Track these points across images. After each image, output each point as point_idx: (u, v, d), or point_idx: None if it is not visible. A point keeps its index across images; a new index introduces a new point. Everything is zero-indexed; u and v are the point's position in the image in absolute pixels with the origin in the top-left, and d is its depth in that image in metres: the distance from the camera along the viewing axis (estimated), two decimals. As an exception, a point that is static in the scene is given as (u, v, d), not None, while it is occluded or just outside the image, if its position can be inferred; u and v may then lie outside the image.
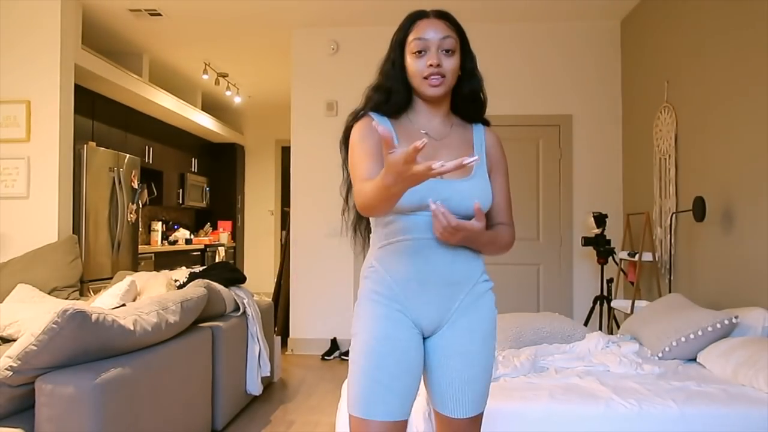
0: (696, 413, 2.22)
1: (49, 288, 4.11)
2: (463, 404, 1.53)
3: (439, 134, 1.60)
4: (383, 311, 1.52)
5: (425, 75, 1.53)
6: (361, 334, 1.53)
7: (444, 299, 1.52)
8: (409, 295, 1.52)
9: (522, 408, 2.29)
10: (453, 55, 1.55)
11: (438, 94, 1.55)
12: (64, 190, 4.54)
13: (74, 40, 4.70)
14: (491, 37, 5.18)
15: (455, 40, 1.56)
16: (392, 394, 1.48)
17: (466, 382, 1.53)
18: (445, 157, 1.52)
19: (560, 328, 3.29)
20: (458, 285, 1.53)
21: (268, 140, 9.11)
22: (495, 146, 1.66)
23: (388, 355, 1.49)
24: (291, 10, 4.95)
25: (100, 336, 2.15)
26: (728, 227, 3.46)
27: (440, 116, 1.62)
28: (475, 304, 1.55)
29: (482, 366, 1.55)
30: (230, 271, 3.84)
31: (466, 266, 1.54)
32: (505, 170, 1.66)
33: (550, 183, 5.15)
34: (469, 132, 1.65)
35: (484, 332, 1.55)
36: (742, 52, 3.31)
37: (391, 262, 1.54)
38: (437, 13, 1.59)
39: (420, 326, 1.54)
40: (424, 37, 1.54)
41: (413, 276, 1.51)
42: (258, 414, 3.60)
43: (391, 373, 1.48)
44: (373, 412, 1.47)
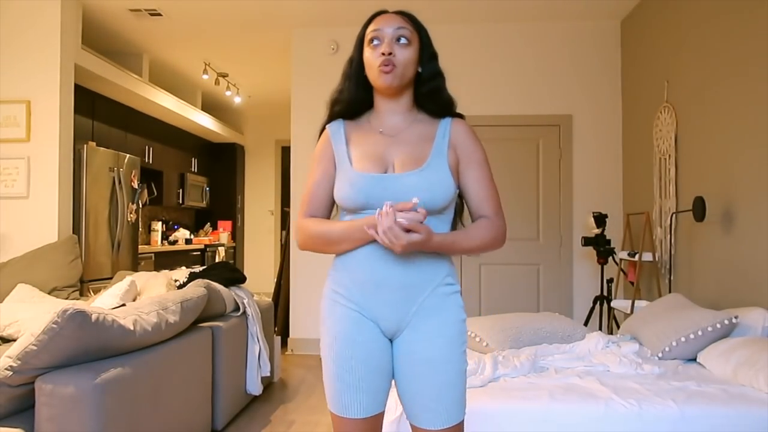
0: (696, 413, 2.22)
1: (49, 288, 4.11)
2: (438, 414, 1.48)
3: (395, 130, 1.59)
4: (344, 312, 1.54)
5: (378, 64, 1.53)
6: (326, 335, 1.56)
7: (401, 302, 1.50)
8: (366, 297, 1.52)
9: (522, 408, 2.29)
10: (407, 47, 1.55)
11: (389, 83, 1.53)
12: (64, 190, 4.54)
13: (74, 40, 4.70)
14: (491, 37, 5.18)
15: (411, 32, 1.56)
16: (364, 394, 1.51)
17: (437, 390, 1.48)
18: (396, 152, 1.55)
19: (560, 328, 3.29)
20: (415, 287, 1.50)
21: (268, 140, 9.11)
22: (463, 136, 1.60)
23: (353, 358, 1.51)
24: (291, 10, 4.95)
25: (100, 336, 2.15)
26: (728, 227, 3.46)
27: (401, 113, 1.61)
28: (437, 307, 1.51)
29: (451, 372, 1.50)
30: (230, 271, 3.84)
31: (425, 268, 1.51)
32: (480, 160, 1.60)
33: (550, 183, 5.15)
34: (434, 126, 1.61)
35: (448, 337, 1.50)
36: (742, 51, 3.31)
37: (348, 262, 1.54)
38: (397, 11, 1.62)
39: (380, 327, 1.53)
40: (379, 27, 1.57)
41: (369, 278, 1.50)
42: (258, 414, 3.60)
43: (359, 376, 1.51)
44: (347, 411, 1.51)
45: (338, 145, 1.60)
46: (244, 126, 9.16)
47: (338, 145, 1.60)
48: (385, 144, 1.57)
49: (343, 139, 1.60)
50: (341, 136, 1.61)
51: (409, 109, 1.62)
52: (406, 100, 1.61)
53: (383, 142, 1.57)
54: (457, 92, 1.67)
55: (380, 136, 1.59)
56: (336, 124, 1.64)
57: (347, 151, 1.58)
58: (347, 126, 1.63)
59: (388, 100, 1.61)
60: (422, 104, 1.63)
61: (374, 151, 1.56)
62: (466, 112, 1.70)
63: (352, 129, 1.63)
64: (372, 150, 1.56)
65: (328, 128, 1.64)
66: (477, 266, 5.14)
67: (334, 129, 1.63)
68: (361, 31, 1.62)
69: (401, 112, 1.61)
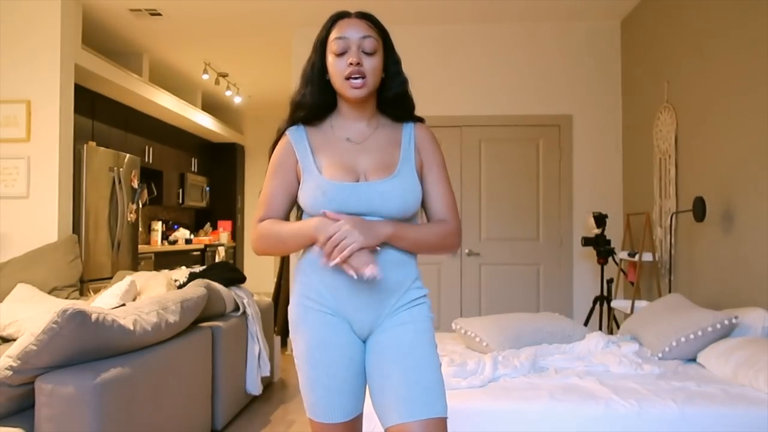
0: (696, 413, 2.22)
1: (49, 288, 4.11)
2: (411, 401, 1.41)
3: (362, 137, 1.58)
4: (318, 317, 1.52)
5: (346, 75, 1.50)
6: (301, 342, 1.54)
7: (374, 306, 1.51)
8: (339, 301, 1.51)
9: (522, 408, 2.29)
10: (374, 55, 1.52)
11: (360, 96, 1.52)
12: (64, 190, 4.54)
13: (74, 40, 4.70)
14: (491, 36, 5.18)
15: (376, 40, 1.54)
16: (346, 397, 1.50)
17: (406, 375, 1.44)
18: (365, 159, 1.54)
19: (560, 328, 3.29)
20: (388, 292, 1.50)
21: (268, 140, 8.91)
22: (426, 140, 1.60)
23: (334, 363, 1.50)
24: (291, 10, 4.95)
25: (100, 336, 2.15)
26: (728, 227, 3.46)
27: (365, 119, 1.59)
28: (405, 306, 1.53)
29: (421, 355, 1.47)
30: (230, 271, 3.84)
31: (397, 272, 1.51)
32: (440, 164, 1.60)
33: (550, 183, 5.15)
34: (398, 131, 1.60)
35: (416, 325, 1.51)
36: (743, 51, 3.31)
37: (319, 268, 1.51)
38: (359, 13, 1.57)
39: (353, 329, 1.53)
40: (344, 35, 1.53)
41: (342, 284, 1.49)
42: (258, 414, 3.60)
43: (341, 378, 1.50)
44: (331, 416, 1.49)
45: (302, 153, 1.56)
46: (244, 126, 9.16)
47: (302, 152, 1.57)
48: (354, 151, 1.55)
49: (307, 147, 1.57)
50: (304, 143, 1.57)
51: (373, 114, 1.61)
52: (371, 105, 1.60)
53: (351, 149, 1.56)
54: (458, 93, 1.68)
55: (347, 143, 1.57)
56: (296, 130, 1.60)
57: (314, 160, 1.55)
58: (309, 132, 1.60)
59: (353, 108, 1.58)
60: (384, 109, 1.61)
61: (343, 159, 1.54)
62: (466, 113, 1.71)
63: (315, 135, 1.59)
64: (340, 158, 1.54)
65: (288, 134, 1.60)
66: (477, 266, 5.14)
67: (296, 136, 1.59)
68: (322, 33, 1.58)
69: (366, 118, 1.60)
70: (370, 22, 1.56)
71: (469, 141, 5.14)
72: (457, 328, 3.32)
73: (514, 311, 4.33)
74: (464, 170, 5.14)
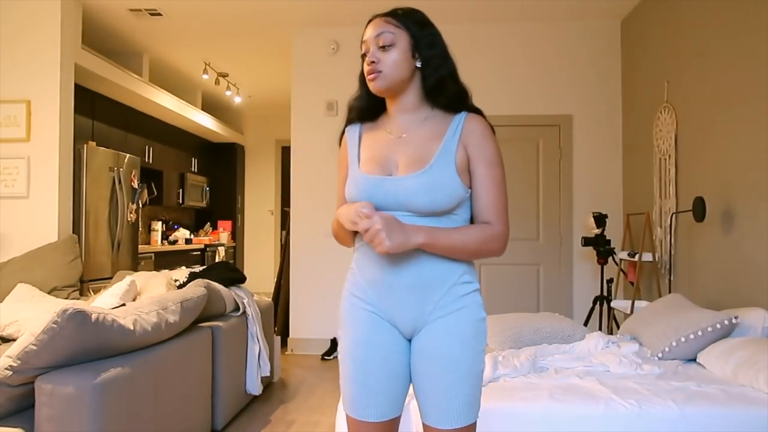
0: (696, 413, 2.22)
1: (49, 288, 4.11)
2: (447, 412, 1.45)
3: (402, 130, 1.58)
4: (362, 314, 1.54)
5: (366, 72, 1.56)
6: (345, 337, 1.57)
7: (415, 301, 1.48)
8: (381, 298, 1.51)
9: (522, 408, 2.29)
10: (391, 49, 1.53)
11: (378, 88, 1.55)
12: (64, 190, 4.54)
13: (74, 40, 4.70)
14: (491, 36, 5.18)
15: (393, 33, 1.53)
16: (381, 396, 1.51)
17: (447, 388, 1.46)
18: (400, 153, 1.55)
19: (560, 328, 3.29)
20: (429, 287, 1.47)
21: (268, 140, 9.11)
22: (475, 133, 1.52)
23: (371, 360, 1.51)
24: (291, 10, 4.95)
25: (100, 336, 2.15)
26: (728, 227, 3.46)
27: (407, 112, 1.59)
28: (453, 305, 1.48)
29: (464, 372, 1.47)
30: (230, 271, 3.84)
31: (437, 267, 1.47)
32: (490, 160, 1.51)
33: (550, 183, 5.15)
34: (447, 123, 1.55)
35: (464, 336, 1.47)
36: (743, 52, 3.31)
37: (363, 264, 1.55)
38: (386, 12, 1.59)
39: (397, 328, 1.53)
40: (364, 38, 1.58)
41: (380, 279, 1.50)
42: (258, 414, 3.60)
43: (377, 377, 1.51)
44: (364, 414, 1.51)
45: (351, 148, 1.64)
46: (244, 126, 9.16)
47: (351, 147, 1.64)
48: (391, 145, 1.57)
49: (356, 142, 1.64)
50: (355, 138, 1.65)
51: (417, 106, 1.58)
52: (412, 98, 1.58)
53: (390, 143, 1.57)
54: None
55: (388, 136, 1.59)
56: (354, 127, 1.68)
57: (357, 153, 1.62)
58: (364, 128, 1.66)
59: (392, 101, 1.60)
60: (433, 99, 1.57)
61: (380, 152, 1.57)
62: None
63: (368, 131, 1.65)
64: (378, 151, 1.57)
65: (346, 131, 1.69)
66: (477, 266, 5.12)
67: (351, 132, 1.67)
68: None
69: (409, 111, 1.58)
70: (390, 17, 1.56)
71: (469, 141, 5.12)
72: (457, 328, 3.32)
73: (514, 311, 4.32)
74: (464, 170, 5.13)
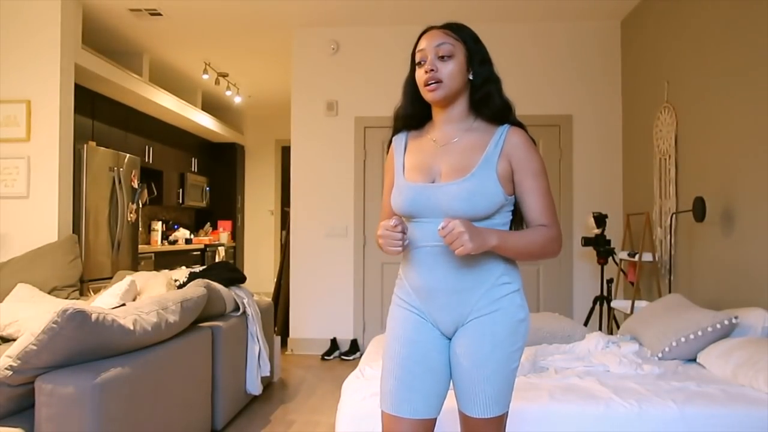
0: (696, 413, 2.22)
1: (49, 288, 4.11)
2: (476, 404, 1.55)
3: (446, 139, 1.64)
4: (405, 315, 1.64)
5: (424, 81, 1.60)
6: (388, 336, 1.67)
7: (455, 305, 1.57)
8: (423, 302, 1.61)
9: (522, 408, 2.29)
10: (450, 60, 1.59)
11: (437, 98, 1.60)
12: (64, 190, 4.54)
13: (74, 40, 4.70)
14: (491, 37, 5.12)
15: (452, 45, 1.60)
16: (416, 394, 1.57)
17: (476, 383, 1.55)
18: (444, 161, 1.60)
19: (560, 328, 3.29)
20: (467, 291, 1.56)
21: (268, 140, 9.11)
22: (518, 146, 1.61)
23: (408, 357, 1.59)
24: (291, 10, 4.95)
25: (100, 336, 2.15)
26: (728, 227, 3.46)
27: (454, 122, 1.65)
28: (489, 307, 1.56)
29: (493, 369, 1.55)
30: (230, 271, 3.84)
31: (475, 272, 1.56)
32: (535, 171, 1.62)
33: (550, 183, 5.13)
34: (490, 135, 1.63)
35: (495, 337, 1.55)
36: (743, 51, 3.31)
37: (407, 269, 1.64)
38: (443, 25, 1.66)
39: (439, 329, 1.61)
40: (422, 47, 1.62)
41: (422, 284, 1.59)
42: (258, 414, 3.60)
43: (413, 373, 1.57)
44: (398, 409, 1.57)
45: (398, 156, 1.70)
46: (244, 126, 9.16)
47: (398, 155, 1.71)
48: (436, 154, 1.63)
49: (402, 150, 1.70)
50: (402, 147, 1.71)
51: (463, 117, 1.65)
52: (460, 109, 1.64)
53: (434, 151, 1.63)
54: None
55: (432, 145, 1.65)
56: (400, 135, 1.74)
57: (403, 161, 1.68)
58: (410, 137, 1.72)
59: (441, 111, 1.65)
60: (478, 111, 1.65)
61: (424, 160, 1.63)
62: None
63: (414, 140, 1.71)
64: (422, 160, 1.64)
65: (393, 140, 1.75)
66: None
67: (398, 141, 1.74)
68: (412, 50, 1.68)
69: (455, 121, 1.65)
70: (449, 30, 1.63)
71: (469, 141, 5.13)
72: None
73: (514, 311, 4.31)
74: (464, 170, 5.13)
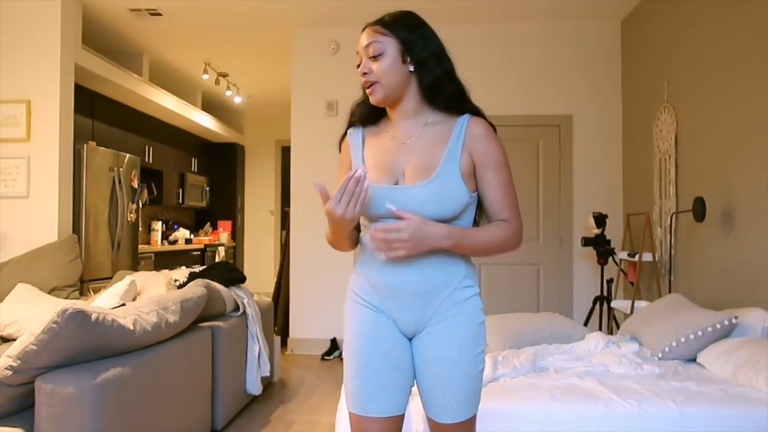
0: (696, 413, 2.22)
1: (49, 288, 4.11)
2: (446, 410, 1.52)
3: (406, 136, 1.58)
4: (363, 312, 1.58)
5: (362, 84, 1.57)
6: (348, 334, 1.61)
7: (417, 307, 1.53)
8: (384, 300, 1.56)
9: (522, 408, 2.29)
10: (380, 58, 1.52)
11: (378, 99, 1.55)
12: (64, 190, 4.54)
13: (74, 40, 4.70)
14: (490, 37, 5.18)
15: (380, 42, 1.53)
16: (383, 391, 1.53)
17: (446, 388, 1.51)
18: (406, 160, 1.54)
19: (560, 328, 3.29)
20: (430, 294, 1.51)
21: (268, 140, 9.11)
22: (480, 138, 1.53)
23: (373, 355, 1.55)
24: (291, 10, 4.95)
25: (99, 336, 2.15)
26: (728, 228, 3.46)
27: (408, 117, 1.58)
28: (453, 310, 1.52)
29: (462, 373, 1.51)
30: (230, 271, 3.84)
31: (440, 274, 1.51)
32: (496, 163, 1.53)
33: (550, 183, 5.15)
34: (450, 127, 1.55)
35: (462, 340, 1.52)
36: (743, 51, 3.31)
37: (367, 267, 1.58)
38: (376, 20, 1.58)
39: (398, 327, 1.57)
40: (357, 50, 1.59)
41: (384, 284, 1.54)
42: (258, 414, 3.60)
43: (378, 372, 1.54)
44: (367, 409, 1.53)
45: (355, 151, 1.63)
46: (244, 126, 9.16)
47: (355, 152, 1.63)
48: (397, 151, 1.56)
49: (360, 146, 1.63)
50: (359, 142, 1.64)
51: (418, 111, 1.58)
52: (412, 103, 1.57)
53: (394, 149, 1.56)
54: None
55: (392, 142, 1.58)
56: (356, 130, 1.66)
57: (362, 158, 1.61)
58: (366, 132, 1.65)
59: (393, 109, 1.60)
60: (432, 101, 1.57)
61: (385, 160, 1.56)
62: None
63: (370, 135, 1.64)
64: (383, 159, 1.56)
65: (348, 135, 1.67)
66: (477, 266, 5.12)
67: (354, 136, 1.66)
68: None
69: (411, 116, 1.58)
70: (377, 26, 1.55)
71: (469, 141, 5.13)
72: (457, 328, 3.32)
73: (514, 311, 4.32)
74: (464, 170, 5.13)
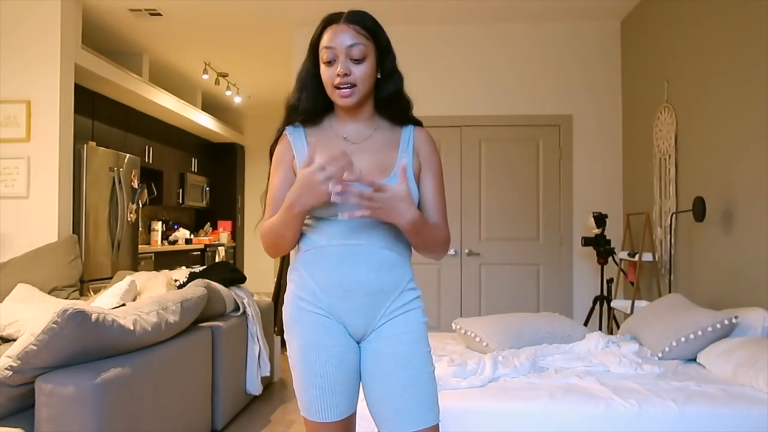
0: (696, 413, 2.22)
1: (49, 288, 4.11)
2: (407, 413, 1.47)
3: (359, 137, 1.58)
4: (314, 320, 1.52)
5: (335, 84, 1.51)
6: (295, 341, 1.54)
7: (369, 307, 1.51)
8: (334, 302, 1.51)
9: (522, 408, 2.29)
10: (362, 62, 1.50)
11: (349, 104, 1.53)
12: (64, 190, 4.54)
13: (74, 40, 4.70)
14: (489, 37, 5.18)
15: (365, 46, 1.51)
16: (338, 397, 1.51)
17: (404, 387, 1.48)
18: (362, 160, 1.52)
19: (560, 328, 3.29)
20: (383, 293, 1.51)
21: (268, 140, 8.96)
22: (425, 145, 1.61)
23: (325, 363, 1.50)
24: (291, 10, 4.95)
25: (100, 336, 2.15)
26: (728, 227, 3.46)
27: (362, 120, 1.59)
28: (401, 310, 1.53)
29: (417, 368, 1.50)
30: (230, 271, 3.84)
31: (393, 274, 1.52)
32: (436, 169, 1.61)
33: (550, 183, 5.15)
34: (397, 134, 1.60)
35: (412, 333, 1.52)
36: (743, 51, 3.31)
37: (315, 267, 1.53)
38: (349, 17, 1.53)
39: (347, 330, 1.54)
40: (331, 45, 1.51)
41: (337, 284, 1.50)
42: (258, 414, 3.60)
43: (332, 379, 1.50)
44: (324, 415, 1.50)
45: (299, 150, 1.57)
46: (244, 126, 9.16)
47: (299, 149, 1.57)
48: (350, 151, 1.50)
49: (304, 144, 1.58)
50: (302, 141, 1.59)
51: (371, 116, 1.61)
52: (368, 107, 1.59)
53: (348, 149, 1.52)
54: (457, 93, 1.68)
55: (344, 143, 1.57)
56: (295, 129, 1.61)
57: None
58: (308, 131, 1.61)
59: (347, 111, 1.58)
60: (382, 109, 1.61)
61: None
62: (466, 112, 1.71)
63: (314, 133, 1.60)
64: None
65: (287, 132, 1.62)
66: (477, 266, 5.14)
67: (295, 134, 1.60)
68: (314, 37, 1.58)
69: (363, 119, 1.60)
70: (359, 27, 1.52)
71: (469, 141, 5.14)
72: (457, 328, 3.32)
73: (514, 311, 4.32)
74: (464, 170, 5.14)
